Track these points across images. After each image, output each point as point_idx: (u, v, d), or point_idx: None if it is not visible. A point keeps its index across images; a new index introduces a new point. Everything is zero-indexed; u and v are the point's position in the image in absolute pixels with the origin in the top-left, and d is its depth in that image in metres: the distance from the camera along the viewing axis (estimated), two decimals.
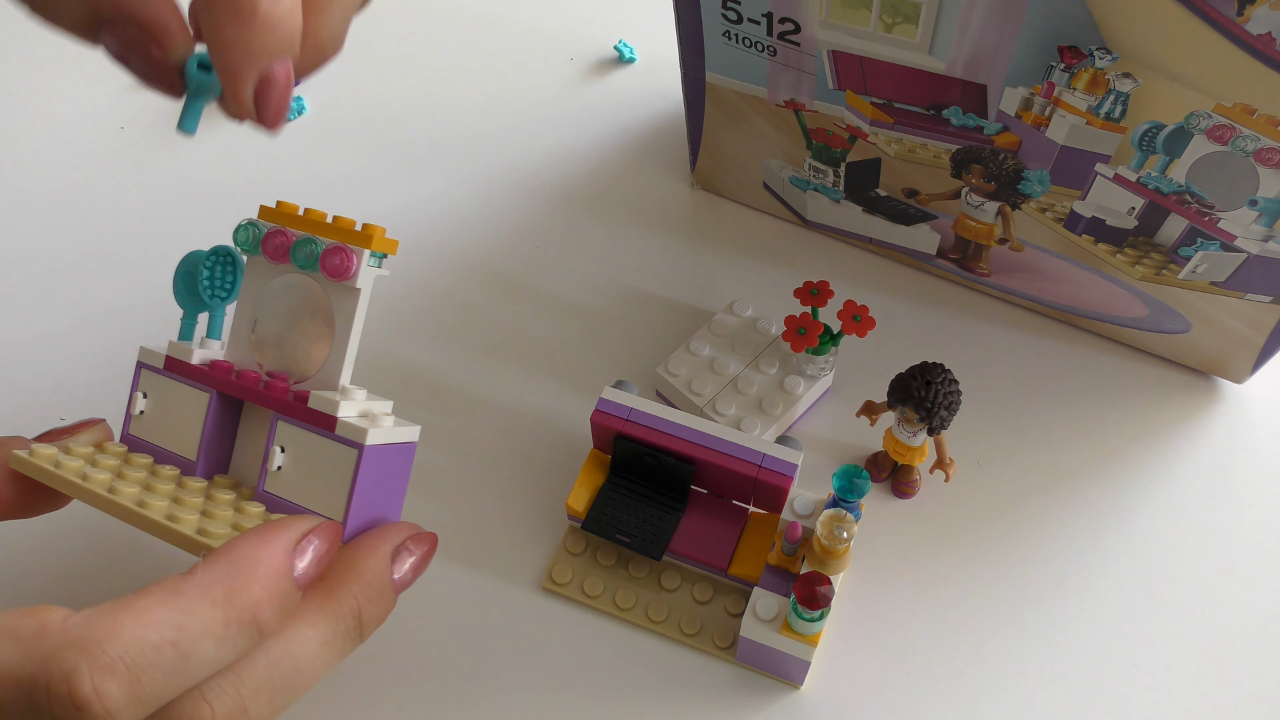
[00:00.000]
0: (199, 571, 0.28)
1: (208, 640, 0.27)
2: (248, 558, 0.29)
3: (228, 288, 0.36)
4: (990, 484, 0.45)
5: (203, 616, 0.27)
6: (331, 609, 0.31)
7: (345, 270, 0.33)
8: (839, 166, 0.47)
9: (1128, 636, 0.41)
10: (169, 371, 0.35)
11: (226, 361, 0.35)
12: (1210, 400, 0.47)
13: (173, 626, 0.27)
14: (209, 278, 0.36)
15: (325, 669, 0.31)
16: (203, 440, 0.35)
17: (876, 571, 0.42)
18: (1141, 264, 0.43)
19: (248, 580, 0.28)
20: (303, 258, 0.33)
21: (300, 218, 0.34)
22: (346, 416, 0.32)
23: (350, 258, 0.33)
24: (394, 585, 0.32)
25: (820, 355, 0.45)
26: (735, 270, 0.51)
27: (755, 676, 0.40)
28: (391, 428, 0.33)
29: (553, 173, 0.55)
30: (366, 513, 0.33)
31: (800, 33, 0.41)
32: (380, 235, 0.33)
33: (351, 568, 0.32)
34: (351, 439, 0.32)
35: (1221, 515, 0.44)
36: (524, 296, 0.51)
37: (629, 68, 0.60)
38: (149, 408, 0.36)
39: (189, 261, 0.37)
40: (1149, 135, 0.38)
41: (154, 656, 0.26)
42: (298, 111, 0.58)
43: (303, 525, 0.31)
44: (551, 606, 0.42)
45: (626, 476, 0.42)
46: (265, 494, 0.33)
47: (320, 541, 0.31)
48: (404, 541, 0.33)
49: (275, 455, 0.33)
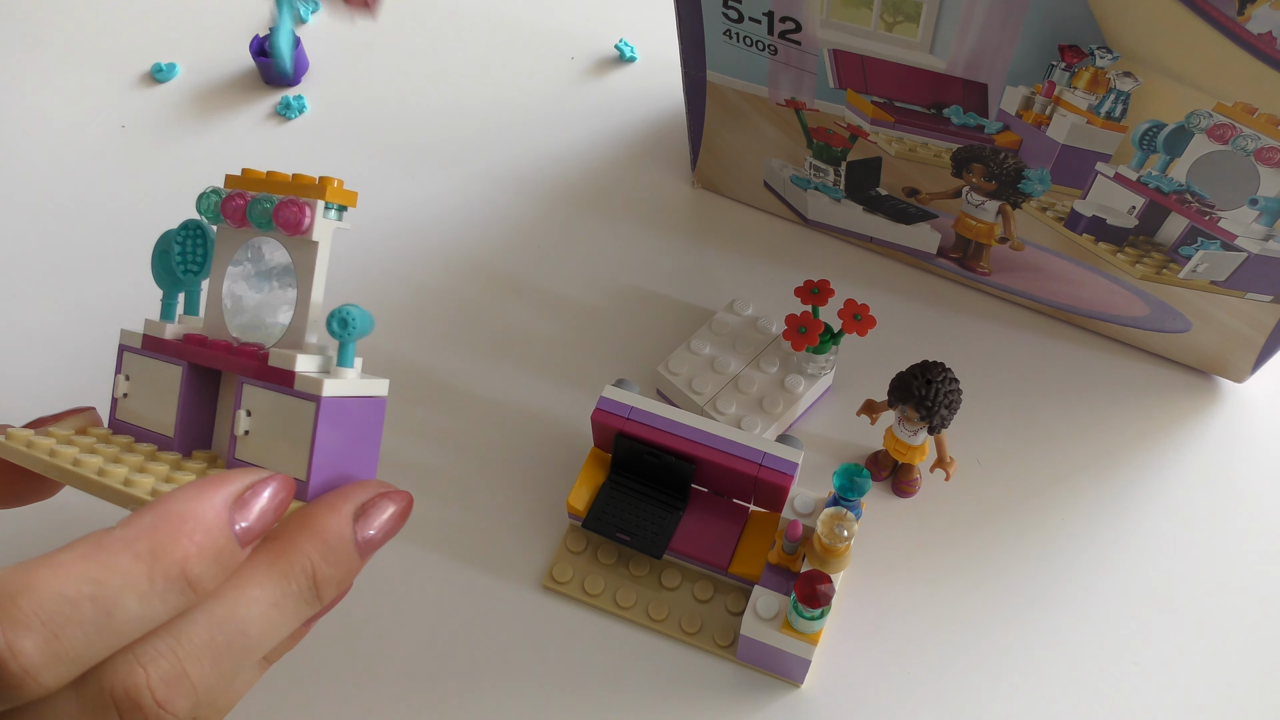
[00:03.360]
0: (124, 525, 0.26)
1: (130, 595, 0.25)
2: (179, 510, 0.27)
3: (199, 261, 0.36)
4: (990, 483, 0.45)
5: (124, 570, 0.25)
6: (281, 567, 0.29)
7: (298, 223, 0.32)
8: (840, 165, 0.47)
9: (1128, 635, 0.41)
10: (146, 350, 0.35)
11: (200, 334, 0.35)
12: (1210, 399, 0.47)
13: (92, 581, 0.25)
14: (181, 253, 0.35)
15: (276, 633, 0.29)
16: (179, 414, 0.34)
17: (877, 570, 0.42)
18: (1142, 263, 0.43)
19: (175, 533, 0.26)
20: (258, 215, 0.33)
21: (261, 179, 0.33)
22: (305, 370, 0.31)
23: (303, 210, 0.31)
24: (358, 545, 0.30)
25: (821, 354, 0.45)
26: (736, 269, 0.51)
27: (756, 675, 0.40)
28: (354, 380, 0.32)
29: (553, 172, 0.55)
30: (332, 470, 0.32)
31: (801, 31, 0.41)
32: (336, 186, 0.32)
33: (306, 525, 0.29)
34: (309, 391, 0.31)
35: (1221, 514, 0.44)
36: (524, 296, 0.51)
37: (629, 67, 0.60)
38: (131, 390, 0.35)
39: (163, 240, 0.36)
40: (1150, 134, 0.38)
41: (72, 612, 0.25)
42: (298, 110, 0.58)
43: (247, 478, 0.29)
44: (552, 605, 0.42)
45: (627, 475, 0.42)
46: (236, 461, 0.32)
47: (267, 495, 0.29)
48: (373, 498, 0.31)
49: (241, 419, 0.32)
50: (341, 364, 0.32)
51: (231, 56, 0.60)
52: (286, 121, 0.58)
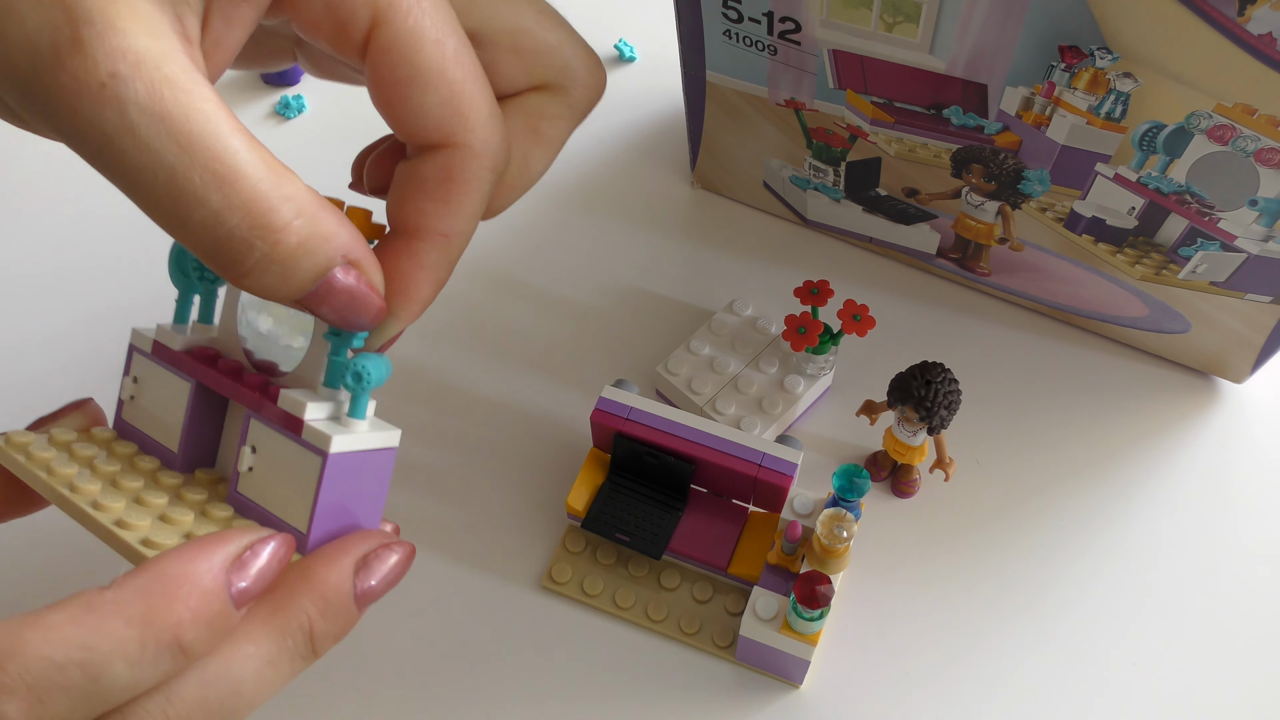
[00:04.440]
0: (117, 587, 0.26)
1: (120, 662, 0.25)
2: (174, 573, 0.26)
3: None
4: (990, 483, 0.45)
5: (115, 636, 0.25)
6: (278, 624, 0.28)
7: None
8: (839, 166, 0.47)
9: (1127, 636, 0.41)
10: (155, 357, 0.34)
11: (213, 349, 0.34)
12: (1210, 400, 0.47)
13: (80, 646, 0.24)
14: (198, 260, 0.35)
15: (270, 689, 0.28)
16: (184, 433, 0.33)
17: (876, 571, 0.42)
18: (1141, 264, 0.43)
19: (170, 598, 0.26)
20: None
21: None
22: (314, 420, 0.30)
23: None
24: (356, 597, 0.29)
25: (820, 354, 0.45)
26: (735, 269, 0.51)
27: (755, 676, 0.40)
28: (365, 433, 0.31)
29: (552, 172, 0.55)
30: (335, 522, 0.31)
31: (801, 32, 0.41)
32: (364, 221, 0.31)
33: (304, 579, 0.29)
34: (316, 445, 0.29)
35: (1221, 515, 0.44)
36: (524, 296, 0.51)
37: (629, 66, 0.60)
38: (139, 393, 0.34)
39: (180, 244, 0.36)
40: (1149, 135, 0.38)
41: (58, 677, 0.24)
42: (298, 110, 0.58)
43: (246, 538, 0.28)
44: (551, 606, 0.42)
45: (626, 475, 0.42)
46: (237, 495, 0.32)
47: (266, 555, 0.28)
48: (374, 550, 0.30)
49: (245, 455, 0.31)
50: (353, 415, 0.31)
51: None
52: (286, 121, 0.58)
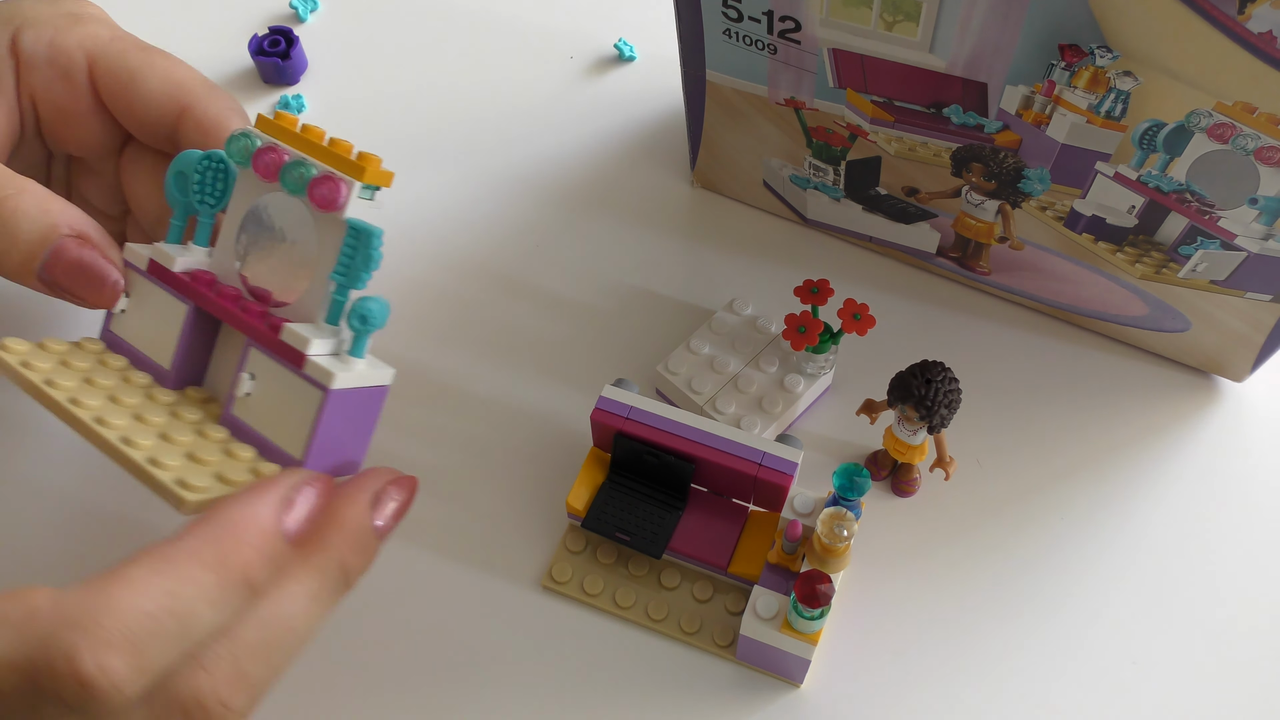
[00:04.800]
0: (187, 536, 0.28)
1: (203, 605, 0.27)
2: (237, 518, 0.29)
3: (217, 195, 0.35)
4: (990, 482, 0.45)
5: (196, 581, 0.27)
6: (317, 562, 0.30)
7: (333, 201, 0.31)
8: (839, 165, 0.47)
9: (1127, 635, 0.41)
10: (151, 276, 0.34)
11: (209, 273, 0.34)
12: (1210, 399, 0.47)
13: (167, 594, 0.26)
14: (199, 183, 0.35)
15: (317, 623, 0.31)
16: (177, 352, 0.34)
17: (876, 570, 0.42)
18: (1141, 262, 0.43)
19: (238, 541, 0.28)
20: (291, 181, 0.32)
21: (296, 134, 0.33)
22: (317, 355, 0.31)
23: (339, 188, 0.31)
24: (376, 533, 0.32)
25: (820, 353, 0.45)
26: (735, 268, 0.51)
27: (755, 675, 0.40)
28: (363, 371, 0.32)
29: (552, 171, 0.55)
30: (329, 452, 0.32)
31: (801, 31, 0.41)
32: (375, 167, 0.31)
33: (332, 520, 0.31)
34: (318, 380, 0.31)
35: (1221, 513, 0.44)
36: (524, 295, 0.51)
37: (629, 66, 0.60)
38: (130, 307, 0.35)
39: (183, 161, 0.36)
40: (1149, 133, 0.38)
41: (153, 626, 0.26)
42: (298, 109, 0.58)
43: (291, 480, 0.30)
44: (551, 605, 0.42)
45: (626, 475, 0.42)
46: (231, 417, 0.33)
47: (310, 495, 0.30)
48: (383, 488, 0.33)
49: (244, 382, 0.32)
50: (353, 354, 0.32)
51: (230, 56, 0.60)
52: None
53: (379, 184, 0.32)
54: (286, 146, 0.33)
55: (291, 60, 0.57)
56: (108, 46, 0.39)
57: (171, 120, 0.39)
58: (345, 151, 0.32)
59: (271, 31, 0.58)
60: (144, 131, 0.40)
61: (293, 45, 0.57)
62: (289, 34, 0.58)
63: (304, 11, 0.62)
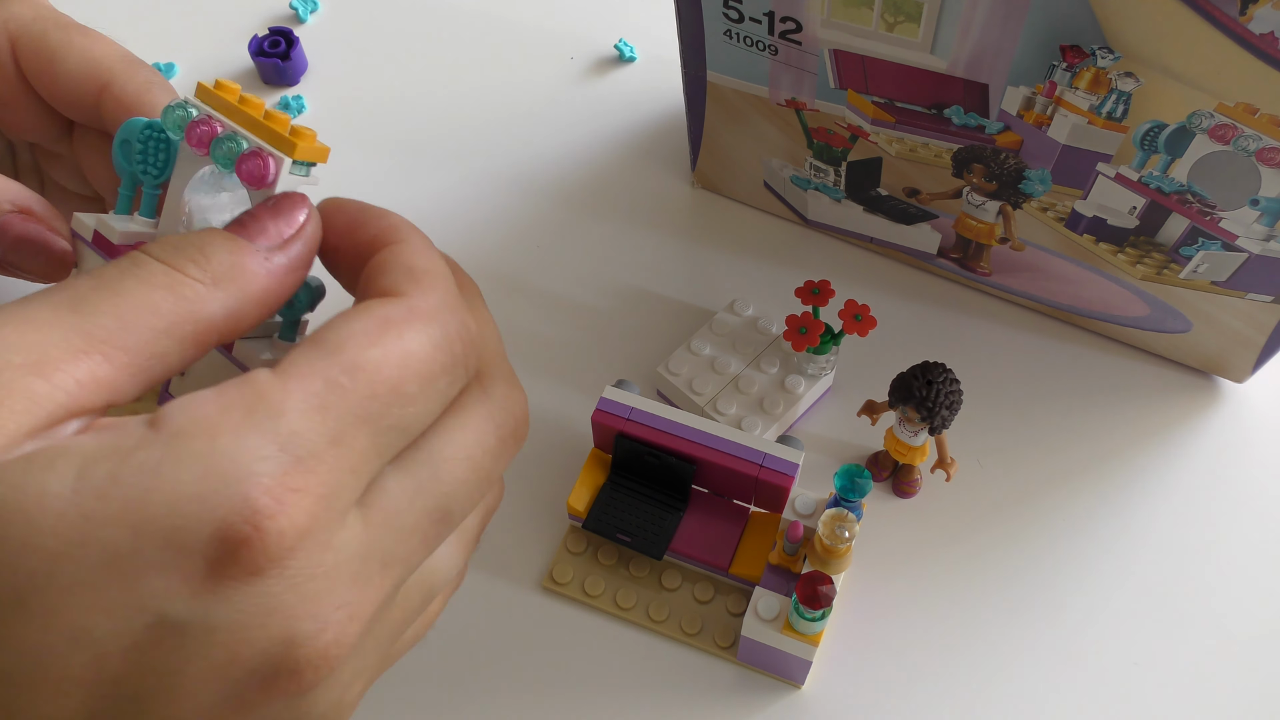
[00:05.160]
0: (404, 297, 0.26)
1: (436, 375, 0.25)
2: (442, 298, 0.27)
3: (160, 165, 0.34)
4: (991, 483, 0.45)
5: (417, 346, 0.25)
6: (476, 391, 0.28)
7: (261, 178, 0.30)
8: (840, 166, 0.47)
9: (1128, 636, 0.41)
10: (95, 246, 0.34)
11: None
12: (1211, 400, 0.47)
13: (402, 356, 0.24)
14: (141, 152, 0.34)
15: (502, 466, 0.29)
16: None
17: (878, 571, 0.42)
18: (1142, 263, 0.43)
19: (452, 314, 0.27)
20: (221, 156, 0.31)
21: (234, 106, 0.32)
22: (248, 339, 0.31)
23: (267, 165, 0.30)
24: None
25: (821, 354, 0.45)
26: (736, 269, 0.51)
27: (756, 676, 0.40)
28: None
29: (553, 172, 0.55)
30: None
31: (801, 32, 0.41)
32: (308, 143, 0.31)
33: None
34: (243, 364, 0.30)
35: (1222, 515, 0.44)
36: (524, 296, 0.51)
37: (629, 66, 0.60)
38: None
39: (127, 130, 0.35)
40: (1151, 135, 0.38)
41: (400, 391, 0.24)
42: (298, 110, 0.58)
43: None
44: (552, 606, 0.42)
45: (627, 476, 0.42)
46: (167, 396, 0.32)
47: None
48: None
49: None
50: (283, 338, 0.31)
51: (230, 56, 0.60)
52: None
53: (314, 160, 0.32)
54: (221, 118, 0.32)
55: (291, 61, 0.57)
56: (29, 26, 0.38)
57: (93, 99, 0.38)
58: (282, 125, 0.31)
59: (272, 32, 0.58)
60: (72, 112, 0.39)
61: (293, 46, 0.57)
62: (289, 35, 0.58)
63: (304, 12, 0.62)
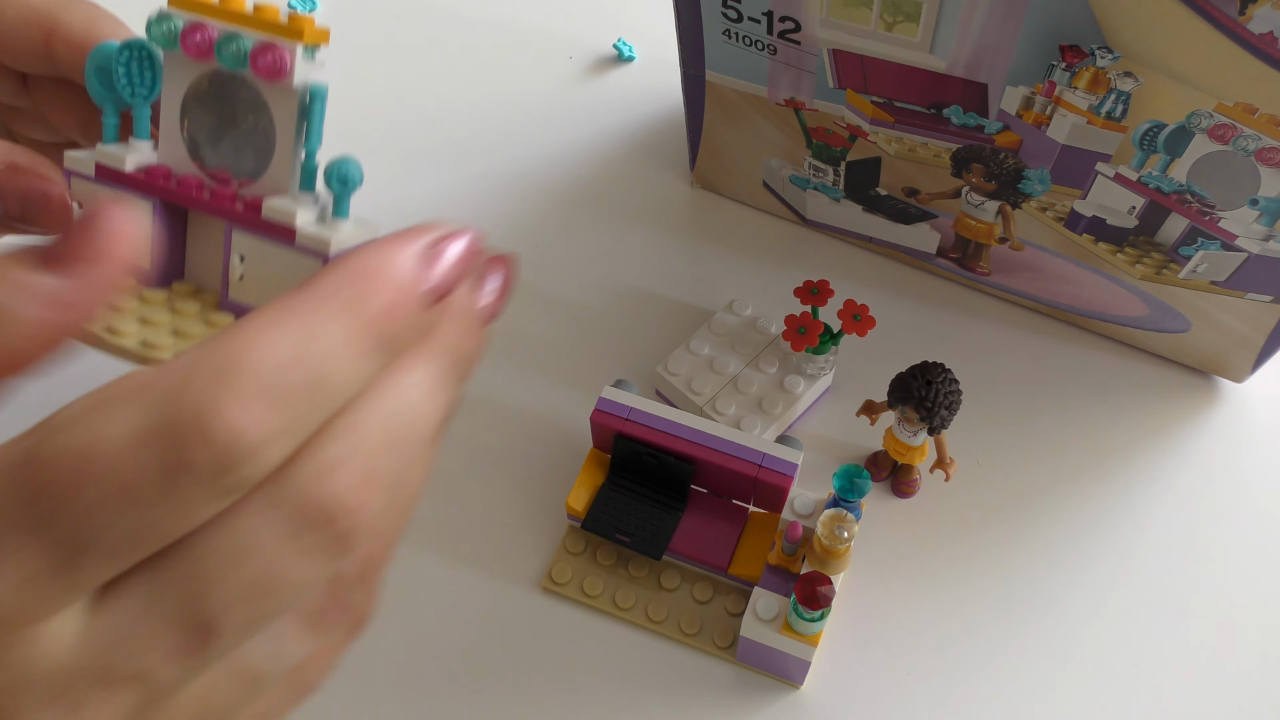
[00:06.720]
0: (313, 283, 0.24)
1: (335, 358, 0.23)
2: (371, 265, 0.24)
3: (148, 84, 0.34)
4: (990, 483, 0.45)
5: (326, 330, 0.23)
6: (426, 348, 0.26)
7: (280, 69, 0.30)
8: (839, 165, 0.47)
9: (1128, 636, 0.41)
10: (101, 180, 0.33)
11: (162, 165, 0.33)
12: (1210, 399, 0.47)
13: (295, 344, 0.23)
14: (125, 74, 0.33)
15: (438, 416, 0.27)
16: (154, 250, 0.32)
17: (877, 571, 0.42)
18: (1142, 263, 0.43)
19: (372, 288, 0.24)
20: (229, 56, 0.31)
21: (217, 7, 0.32)
22: (305, 225, 0.31)
23: (283, 55, 0.30)
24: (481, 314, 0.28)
25: (820, 354, 0.45)
26: (735, 269, 0.51)
27: (755, 676, 0.40)
28: (352, 230, 0.31)
29: (552, 172, 0.55)
30: None
31: (800, 31, 0.41)
32: (311, 26, 0.30)
33: None
34: (315, 248, 0.30)
35: (1221, 514, 0.44)
36: (523, 296, 0.51)
37: (628, 66, 0.60)
38: None
39: (100, 56, 0.34)
40: (1150, 134, 0.38)
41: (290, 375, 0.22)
42: None
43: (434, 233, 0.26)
44: (551, 606, 0.42)
45: (626, 476, 0.42)
46: (231, 303, 0.32)
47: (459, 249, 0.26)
48: (482, 271, 0.28)
49: (235, 266, 0.31)
50: (337, 215, 0.31)
51: None
52: None
53: (318, 42, 0.32)
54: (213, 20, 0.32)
55: None
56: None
57: (41, 46, 0.37)
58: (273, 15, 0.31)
59: None
60: (21, 64, 0.38)
61: None
62: None
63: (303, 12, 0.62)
